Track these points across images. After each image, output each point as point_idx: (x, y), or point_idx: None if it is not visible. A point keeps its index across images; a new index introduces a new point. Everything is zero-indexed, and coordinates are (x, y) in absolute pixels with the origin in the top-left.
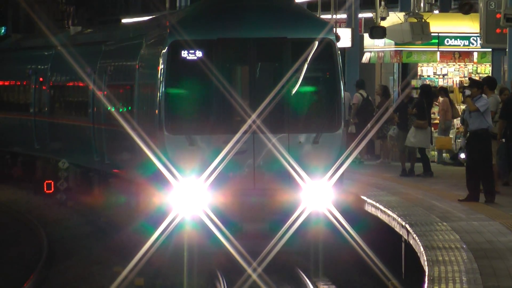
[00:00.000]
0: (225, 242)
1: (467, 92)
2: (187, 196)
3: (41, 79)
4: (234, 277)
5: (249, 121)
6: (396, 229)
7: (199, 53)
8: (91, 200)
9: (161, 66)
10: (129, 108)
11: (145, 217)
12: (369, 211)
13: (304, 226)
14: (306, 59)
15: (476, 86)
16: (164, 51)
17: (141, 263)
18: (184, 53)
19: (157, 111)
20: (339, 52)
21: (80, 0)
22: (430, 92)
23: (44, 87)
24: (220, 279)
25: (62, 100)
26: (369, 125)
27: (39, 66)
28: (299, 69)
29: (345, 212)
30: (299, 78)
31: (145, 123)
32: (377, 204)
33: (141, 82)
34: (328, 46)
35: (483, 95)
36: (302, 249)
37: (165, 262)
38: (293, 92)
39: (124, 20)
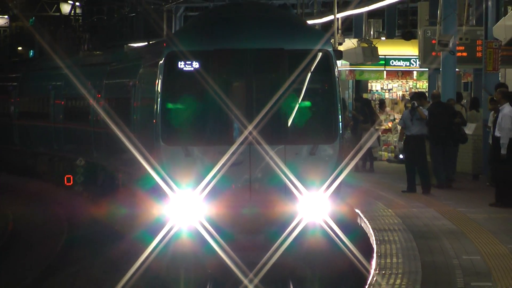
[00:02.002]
0: (221, 253)
1: (416, 103)
2: (183, 207)
3: (98, 95)
4: (231, 287)
5: (246, 132)
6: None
7: (195, 64)
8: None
9: (158, 78)
10: (149, 119)
11: (144, 225)
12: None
13: (300, 238)
14: (303, 70)
15: (423, 99)
16: (160, 62)
17: (138, 273)
18: (180, 64)
19: (155, 121)
20: (336, 63)
21: (93, 28)
22: (370, 103)
23: (100, 102)
24: None
25: (113, 112)
26: None
27: (96, 81)
28: (296, 80)
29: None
30: (296, 89)
31: (151, 134)
32: None
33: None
34: (325, 58)
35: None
36: (298, 260)
37: (161, 272)
38: (290, 103)
39: (129, 45)
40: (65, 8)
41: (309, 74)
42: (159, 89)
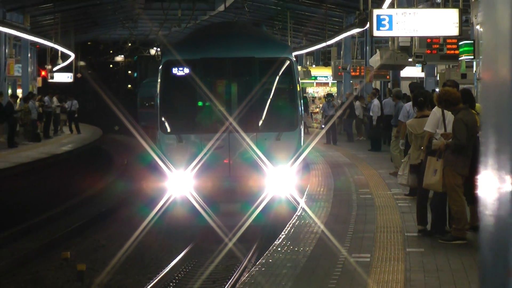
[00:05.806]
0: (207, 218)
1: (330, 98)
2: (178, 182)
3: None
4: (214, 244)
5: (226, 123)
6: None
7: (186, 70)
8: None
9: (158, 81)
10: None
11: (147, 195)
12: None
13: (268, 206)
14: (270, 74)
15: (332, 97)
16: (159, 68)
17: (144, 231)
18: (174, 70)
19: (156, 114)
20: (297, 68)
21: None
22: (306, 98)
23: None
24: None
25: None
26: None
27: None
28: (265, 82)
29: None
30: (265, 89)
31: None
32: None
33: None
34: (288, 64)
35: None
36: (267, 223)
37: (160, 233)
38: (260, 100)
39: None
40: (152, 51)
41: (275, 77)
42: (158, 90)
